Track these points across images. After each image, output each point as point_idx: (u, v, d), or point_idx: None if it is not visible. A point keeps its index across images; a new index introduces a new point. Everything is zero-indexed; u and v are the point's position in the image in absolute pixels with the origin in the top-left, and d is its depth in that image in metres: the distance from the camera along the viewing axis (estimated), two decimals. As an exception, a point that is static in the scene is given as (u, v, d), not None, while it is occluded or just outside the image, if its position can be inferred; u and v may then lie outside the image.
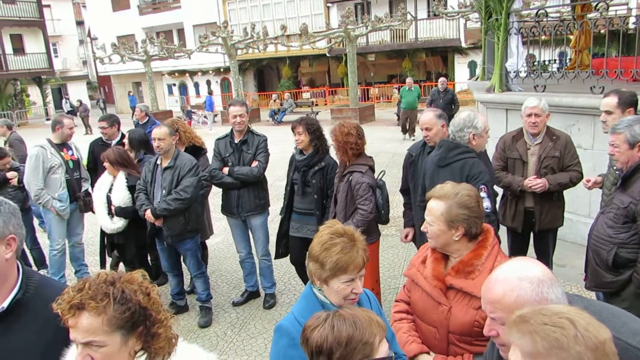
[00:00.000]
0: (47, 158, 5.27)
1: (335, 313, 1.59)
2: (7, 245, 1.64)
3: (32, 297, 1.66)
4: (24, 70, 31.94)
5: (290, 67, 29.19)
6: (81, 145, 6.03)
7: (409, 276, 2.48)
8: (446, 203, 2.25)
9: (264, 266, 5.00)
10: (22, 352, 1.60)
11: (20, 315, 1.63)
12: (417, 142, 4.32)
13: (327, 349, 1.50)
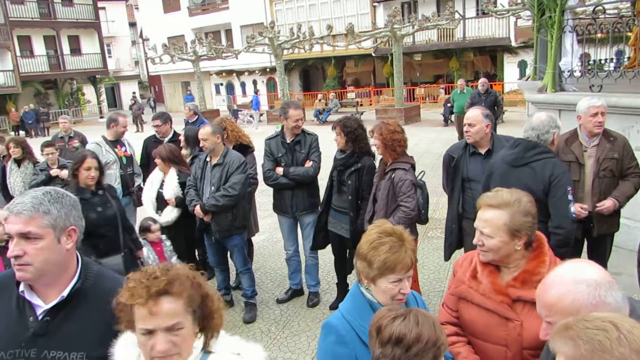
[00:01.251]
0: (102, 154, 5.52)
1: (417, 311, 1.63)
2: (68, 236, 1.72)
3: (91, 287, 1.73)
4: (80, 70, 33.33)
5: (335, 66, 29.20)
6: (134, 142, 6.26)
7: (459, 294, 2.28)
8: (508, 212, 2.09)
9: (311, 264, 5.03)
10: (79, 339, 1.66)
11: (79, 304, 1.70)
12: (458, 143, 4.24)
13: (407, 342, 1.54)
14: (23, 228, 1.61)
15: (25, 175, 6.29)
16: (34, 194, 1.67)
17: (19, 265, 1.61)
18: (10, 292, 1.69)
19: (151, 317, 1.38)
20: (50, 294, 1.68)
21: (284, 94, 23.25)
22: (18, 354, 1.63)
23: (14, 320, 1.66)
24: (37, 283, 1.68)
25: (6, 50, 29.25)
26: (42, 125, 26.58)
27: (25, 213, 1.61)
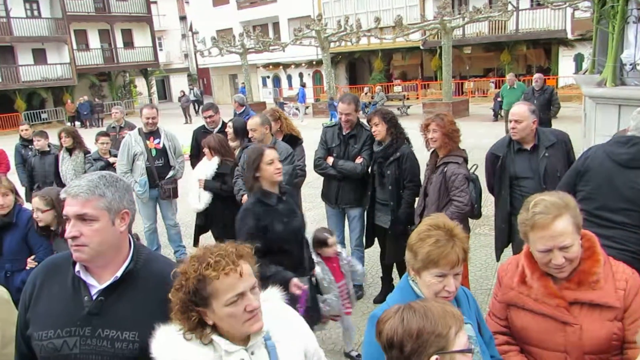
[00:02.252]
0: (131, 145, 5.75)
1: (406, 305, 1.56)
2: (122, 219, 1.76)
3: (142, 269, 1.78)
4: (132, 62, 34.41)
5: (382, 59, 28.93)
6: (183, 134, 6.39)
7: (508, 301, 2.16)
8: (569, 214, 1.96)
9: (356, 256, 4.99)
10: (131, 319, 1.71)
11: (131, 285, 1.75)
12: (500, 141, 4.09)
13: (398, 342, 1.48)
14: (80, 210, 1.66)
15: (77, 164, 6.53)
16: (90, 178, 1.72)
17: (76, 246, 1.67)
18: (67, 272, 1.76)
19: (239, 281, 1.49)
20: (103, 275, 1.73)
21: (330, 87, 23.23)
22: (74, 331, 1.69)
23: (70, 299, 1.73)
24: (92, 264, 1.73)
25: (63, 43, 30.51)
26: (96, 117, 27.62)
27: (82, 195, 1.66)
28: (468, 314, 1.98)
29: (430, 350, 1.46)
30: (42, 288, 1.79)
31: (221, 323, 1.52)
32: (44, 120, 29.31)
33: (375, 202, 4.67)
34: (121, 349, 1.69)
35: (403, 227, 4.35)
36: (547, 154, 3.76)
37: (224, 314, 1.49)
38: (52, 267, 1.83)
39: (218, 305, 1.48)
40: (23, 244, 3.62)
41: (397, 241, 4.42)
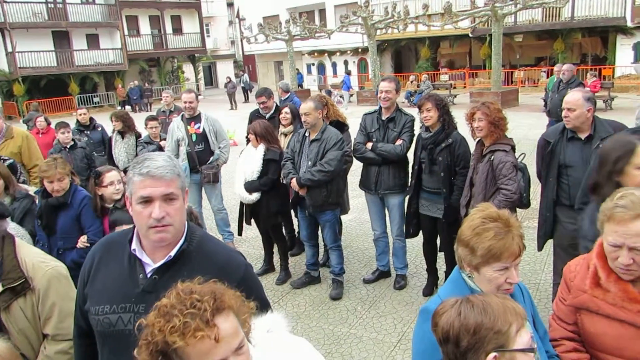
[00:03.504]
0: (175, 131, 5.89)
1: (464, 299, 1.50)
2: (185, 197, 1.80)
3: (195, 249, 1.79)
4: (180, 48, 35.03)
5: (429, 47, 28.33)
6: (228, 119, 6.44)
7: (580, 305, 2.04)
8: None
9: (398, 246, 4.96)
10: None
11: (185, 264, 1.76)
12: (555, 127, 3.96)
13: (454, 337, 1.43)
14: (166, 189, 1.67)
15: (128, 147, 6.71)
16: (163, 158, 1.73)
17: (162, 226, 1.67)
18: (123, 249, 1.79)
19: (215, 347, 1.17)
20: (157, 254, 1.75)
21: (375, 75, 22.98)
22: (128, 308, 1.72)
23: (126, 276, 1.76)
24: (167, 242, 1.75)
25: (116, 29, 31.34)
26: (145, 101, 28.32)
27: (167, 175, 1.68)
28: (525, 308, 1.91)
29: (488, 347, 1.40)
30: (100, 264, 1.83)
31: None
32: (96, 104, 30.29)
33: (420, 190, 4.59)
34: None
35: (456, 215, 4.27)
36: (601, 146, 3.59)
37: None
38: (110, 244, 1.87)
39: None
40: (75, 223, 3.75)
41: (451, 229, 4.33)
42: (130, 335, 1.69)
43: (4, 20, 26.76)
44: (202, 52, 37.08)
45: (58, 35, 29.67)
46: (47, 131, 7.85)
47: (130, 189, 1.70)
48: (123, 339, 1.72)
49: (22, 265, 2.21)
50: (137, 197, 1.67)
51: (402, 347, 4.04)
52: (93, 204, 3.77)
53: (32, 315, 2.21)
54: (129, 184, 1.71)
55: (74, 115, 8.24)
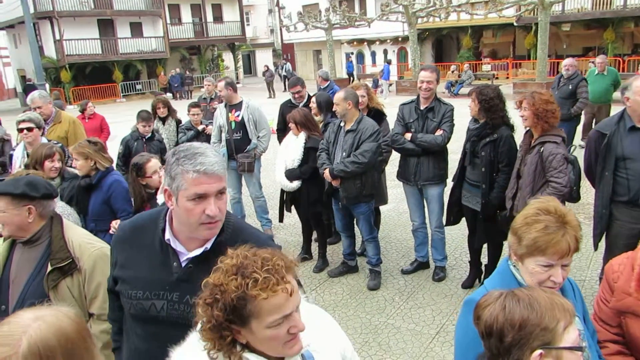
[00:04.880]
0: (217, 118, 6.01)
1: (509, 292, 1.44)
2: None
3: (230, 239, 1.73)
4: (220, 37, 35.38)
5: (471, 37, 27.69)
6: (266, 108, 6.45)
7: (624, 308, 1.97)
8: None
9: (437, 238, 4.87)
10: None
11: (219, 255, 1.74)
12: (610, 118, 3.78)
13: (498, 331, 1.37)
14: (220, 185, 1.66)
15: (169, 132, 6.82)
16: (213, 153, 1.69)
17: (215, 222, 1.67)
18: (154, 235, 1.77)
19: (288, 301, 1.27)
20: (192, 243, 1.73)
21: (415, 65, 22.63)
22: (162, 295, 1.73)
23: (160, 263, 1.75)
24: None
25: (158, 18, 31.87)
26: (186, 89, 28.80)
27: (221, 171, 1.66)
28: (575, 305, 1.83)
29: (533, 344, 1.35)
30: (131, 249, 1.82)
31: (257, 343, 1.33)
32: (138, 91, 31.02)
33: (464, 180, 4.49)
34: None
35: (494, 212, 4.16)
36: None
37: (264, 335, 1.30)
38: (139, 229, 1.85)
39: (259, 326, 1.28)
40: (106, 206, 3.81)
41: (487, 225, 4.23)
42: (162, 322, 1.72)
43: (52, 8, 27.62)
44: (242, 41, 37.34)
45: (103, 23, 30.42)
46: (93, 116, 8.07)
47: (179, 184, 1.64)
48: (154, 324, 1.72)
49: (70, 245, 2.27)
50: (191, 193, 1.62)
51: (440, 339, 3.98)
52: (137, 194, 3.81)
53: (78, 295, 2.27)
54: (175, 178, 1.65)
55: (117, 102, 8.46)
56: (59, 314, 1.10)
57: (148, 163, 3.82)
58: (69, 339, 1.07)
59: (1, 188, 2.24)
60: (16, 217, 2.22)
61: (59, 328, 1.07)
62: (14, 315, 1.10)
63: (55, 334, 1.05)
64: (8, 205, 2.20)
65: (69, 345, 1.06)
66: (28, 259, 2.26)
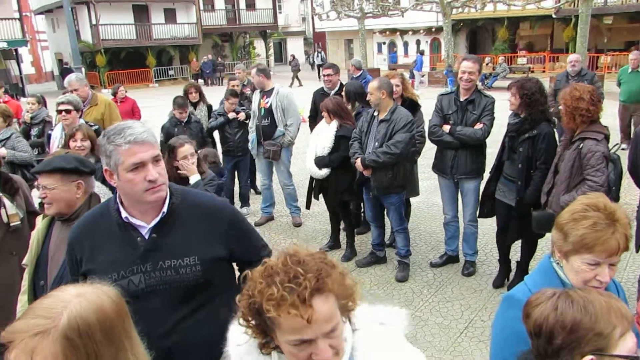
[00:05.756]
0: (253, 103, 6.06)
1: (563, 292, 1.39)
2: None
3: (181, 203, 1.90)
4: (253, 24, 35.46)
5: (507, 28, 27.05)
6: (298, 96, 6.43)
7: None
8: None
9: (469, 232, 4.79)
10: (186, 246, 1.86)
11: (176, 218, 1.88)
12: None
13: (547, 332, 1.32)
14: (155, 152, 1.78)
15: (200, 117, 6.88)
16: (138, 124, 1.82)
17: (158, 186, 1.78)
18: (108, 222, 1.86)
19: (306, 327, 1.12)
20: (148, 216, 1.84)
21: (448, 56, 22.26)
22: (135, 269, 1.81)
23: (123, 243, 1.83)
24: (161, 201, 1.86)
25: (191, 4, 32.10)
26: (217, 75, 29.00)
27: (151, 139, 1.78)
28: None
29: (585, 349, 1.29)
30: (93, 242, 1.88)
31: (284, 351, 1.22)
32: (171, 76, 31.37)
33: (500, 174, 4.38)
34: (186, 274, 1.83)
35: (528, 209, 4.05)
36: None
37: (285, 349, 1.20)
38: (91, 222, 1.93)
39: (280, 337, 1.18)
40: None
41: (520, 221, 4.11)
42: (146, 293, 1.81)
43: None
44: (274, 29, 37.33)
45: (138, 9, 30.78)
46: (125, 100, 8.21)
47: (116, 159, 1.73)
48: (140, 299, 1.76)
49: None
50: (129, 164, 1.72)
51: (469, 334, 3.93)
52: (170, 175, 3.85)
53: (114, 274, 2.31)
54: (111, 155, 1.74)
55: (150, 87, 8.66)
56: (100, 293, 1.11)
57: (180, 147, 3.85)
58: (108, 318, 1.08)
59: (53, 164, 2.31)
60: (65, 193, 2.29)
61: (99, 306, 1.08)
62: (58, 289, 1.12)
63: (95, 312, 1.06)
64: (58, 181, 2.27)
65: (107, 324, 1.07)
66: (66, 237, 2.30)
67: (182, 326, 1.85)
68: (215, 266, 1.90)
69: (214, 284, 1.91)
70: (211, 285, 1.90)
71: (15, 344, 1.02)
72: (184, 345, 1.84)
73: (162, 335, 1.77)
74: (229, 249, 1.95)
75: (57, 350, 1.01)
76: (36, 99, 6.87)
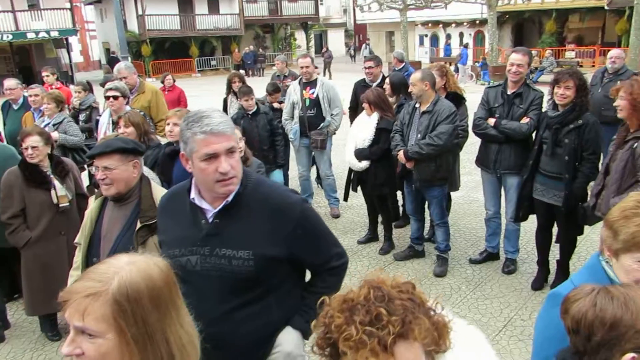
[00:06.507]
0: (291, 95, 6.04)
1: (602, 288, 1.36)
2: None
3: (251, 193, 1.88)
4: (294, 15, 35.52)
5: (555, 21, 26.18)
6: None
7: None
8: None
9: (512, 229, 4.69)
10: (244, 238, 1.85)
11: (242, 207, 1.88)
12: None
13: (586, 327, 1.30)
14: (229, 144, 1.79)
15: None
16: (218, 114, 1.81)
17: (229, 179, 1.79)
18: (184, 199, 1.93)
19: None
20: (216, 202, 1.87)
21: (493, 49, 21.73)
22: (195, 251, 1.87)
23: (190, 222, 1.90)
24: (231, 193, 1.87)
25: (235, -6, 32.47)
26: (258, 66, 29.26)
27: (228, 130, 1.78)
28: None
29: (626, 346, 1.26)
30: (167, 215, 2.02)
31: None
32: (213, 67, 31.84)
33: (536, 173, 4.23)
34: (238, 266, 1.84)
35: (576, 203, 3.93)
36: None
37: None
38: (173, 196, 2.05)
39: None
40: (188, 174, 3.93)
41: (570, 219, 3.99)
42: (201, 276, 1.85)
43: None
44: (315, 20, 37.30)
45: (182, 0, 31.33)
46: (172, 89, 8.38)
47: (191, 147, 1.76)
48: (192, 279, 1.82)
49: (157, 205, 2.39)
50: (202, 154, 1.74)
51: (507, 332, 3.87)
52: None
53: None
54: (187, 142, 1.77)
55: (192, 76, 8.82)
56: (150, 262, 1.17)
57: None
58: (156, 286, 1.13)
59: (114, 145, 2.40)
60: (125, 173, 2.39)
61: (148, 274, 1.13)
62: (112, 257, 1.18)
63: (144, 279, 1.11)
64: (118, 161, 2.36)
65: (155, 292, 1.12)
66: (118, 217, 2.41)
67: (231, 316, 1.86)
68: (271, 265, 1.86)
69: (268, 282, 1.89)
70: (265, 284, 1.89)
71: (69, 303, 1.08)
72: (231, 334, 1.86)
73: (211, 320, 1.77)
74: (289, 250, 1.89)
75: (107, 312, 1.06)
76: (82, 87, 7.08)
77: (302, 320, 1.94)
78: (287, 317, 1.97)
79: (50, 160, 3.85)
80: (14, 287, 4.44)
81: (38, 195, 3.73)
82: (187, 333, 1.17)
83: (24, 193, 3.71)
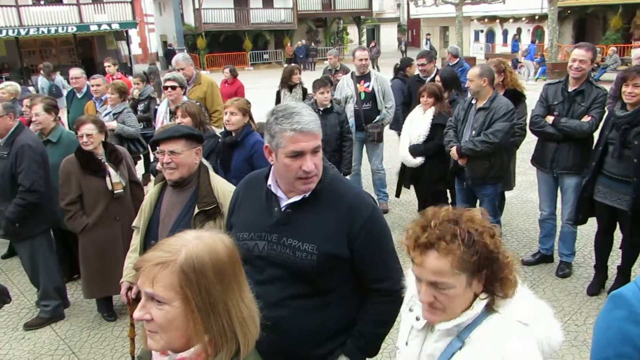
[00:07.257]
0: (343, 89, 6.02)
1: None
2: None
3: (327, 189, 1.91)
4: (347, 9, 35.37)
5: (622, 16, 24.92)
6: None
7: None
8: None
9: (567, 231, 4.53)
10: (312, 232, 1.87)
11: (316, 202, 1.90)
12: None
13: None
14: (316, 143, 1.81)
15: (295, 100, 7.03)
16: (308, 111, 1.83)
17: (311, 177, 1.82)
18: (262, 185, 1.98)
19: (417, 266, 1.37)
20: (291, 193, 1.89)
21: (552, 46, 20.97)
22: (263, 236, 1.91)
23: (264, 208, 1.95)
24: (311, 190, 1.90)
25: (289, -11, 32.69)
26: (310, 60, 29.37)
27: (316, 130, 1.80)
28: None
29: None
30: (243, 198, 2.06)
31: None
32: (265, 60, 32.24)
33: (599, 174, 4.04)
34: (301, 258, 1.85)
35: None
36: None
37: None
38: (251, 181, 2.09)
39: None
40: (247, 164, 4.00)
41: (636, 223, 3.80)
42: (266, 262, 1.89)
43: (193, -21, 29.45)
44: (368, 15, 37.06)
45: (238, -7, 31.90)
46: (232, 82, 8.54)
47: (278, 142, 1.78)
48: (257, 263, 1.88)
49: (215, 192, 2.46)
50: (289, 151, 1.77)
51: (560, 337, 3.74)
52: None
53: (220, 237, 2.49)
54: (275, 136, 1.79)
55: (245, 70, 8.93)
56: (216, 238, 1.24)
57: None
58: (220, 261, 1.19)
59: (181, 131, 2.50)
60: (189, 158, 2.48)
61: (213, 249, 1.20)
62: (182, 232, 1.26)
63: (209, 253, 1.18)
64: (184, 146, 2.45)
65: (219, 265, 1.18)
66: (176, 202, 2.49)
67: (290, 304, 1.89)
68: (333, 263, 1.87)
69: (329, 279, 1.91)
70: (325, 280, 1.90)
71: (141, 270, 1.17)
72: (288, 322, 1.88)
73: (271, 304, 1.79)
74: (350, 251, 1.89)
75: (174, 280, 1.14)
76: (140, 78, 7.32)
77: (354, 347, 1.97)
78: (344, 318, 1.98)
79: (105, 148, 3.98)
80: (74, 268, 4.66)
81: (93, 182, 3.85)
82: (247, 308, 1.23)
83: (80, 180, 3.82)
